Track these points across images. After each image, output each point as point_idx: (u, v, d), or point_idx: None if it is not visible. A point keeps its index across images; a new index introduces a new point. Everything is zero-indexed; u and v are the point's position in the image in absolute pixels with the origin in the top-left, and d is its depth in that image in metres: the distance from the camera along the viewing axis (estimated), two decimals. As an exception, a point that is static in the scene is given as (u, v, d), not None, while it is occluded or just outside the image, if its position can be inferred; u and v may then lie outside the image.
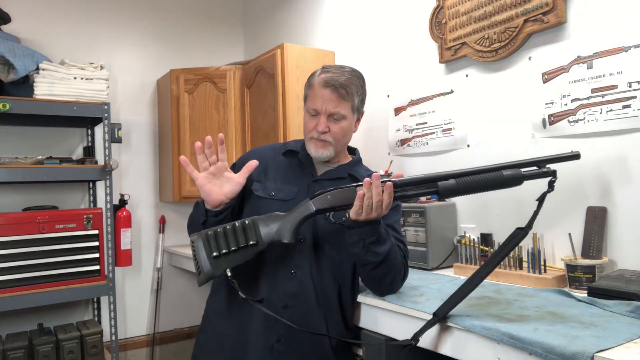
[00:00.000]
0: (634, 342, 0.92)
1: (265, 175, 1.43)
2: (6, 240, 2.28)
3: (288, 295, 1.28)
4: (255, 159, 1.41)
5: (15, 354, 2.28)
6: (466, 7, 1.83)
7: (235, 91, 2.90)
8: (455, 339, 1.13)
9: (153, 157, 3.24)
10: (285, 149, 1.49)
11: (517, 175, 1.13)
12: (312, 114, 1.40)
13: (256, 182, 1.41)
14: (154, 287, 3.19)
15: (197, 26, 3.43)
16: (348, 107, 1.39)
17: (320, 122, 1.38)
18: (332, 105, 1.37)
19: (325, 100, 1.37)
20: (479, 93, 1.83)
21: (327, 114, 1.37)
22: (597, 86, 1.46)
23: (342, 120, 1.39)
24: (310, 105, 1.40)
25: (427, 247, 1.77)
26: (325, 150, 1.40)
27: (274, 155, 1.48)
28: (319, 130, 1.38)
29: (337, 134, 1.39)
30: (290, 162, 1.46)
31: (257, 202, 1.38)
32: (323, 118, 1.38)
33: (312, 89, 1.41)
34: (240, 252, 1.18)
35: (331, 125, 1.38)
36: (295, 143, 1.51)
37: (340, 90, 1.37)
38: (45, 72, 2.41)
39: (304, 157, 1.45)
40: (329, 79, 1.37)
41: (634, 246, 1.39)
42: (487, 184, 1.14)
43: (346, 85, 1.37)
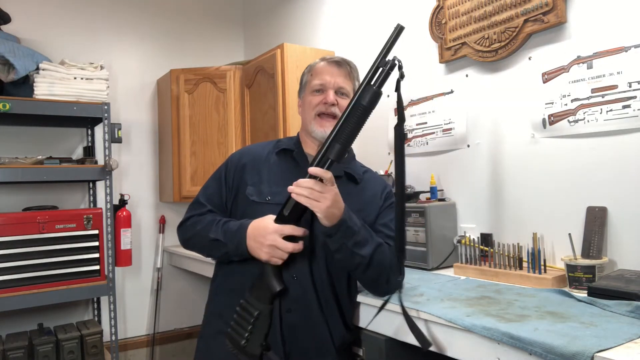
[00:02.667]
0: (634, 342, 0.92)
1: (259, 177, 1.37)
2: (6, 240, 2.28)
3: (291, 299, 1.27)
4: (247, 158, 1.40)
5: (15, 354, 2.28)
6: (466, 7, 1.83)
7: (235, 91, 2.90)
8: (455, 339, 1.13)
9: (153, 157, 3.24)
10: (278, 148, 1.43)
11: (372, 93, 1.13)
12: (318, 90, 1.37)
13: (250, 187, 1.36)
14: (154, 287, 3.19)
15: (197, 26, 3.43)
16: (351, 86, 1.39)
17: (329, 94, 1.35)
18: (340, 80, 1.36)
19: (333, 75, 1.36)
20: (479, 93, 1.83)
21: (335, 87, 1.36)
22: (597, 86, 1.46)
23: (347, 98, 1.37)
24: (316, 81, 1.38)
25: (427, 247, 1.77)
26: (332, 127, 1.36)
27: (267, 155, 1.42)
28: (329, 100, 1.35)
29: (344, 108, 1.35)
30: (285, 161, 1.41)
31: (253, 208, 1.33)
32: (331, 91, 1.35)
33: (315, 70, 1.40)
34: (257, 326, 1.20)
35: (339, 99, 1.36)
36: (289, 140, 1.47)
37: (346, 66, 1.37)
38: (45, 72, 2.41)
39: (299, 155, 1.41)
40: (332, 58, 1.38)
41: (634, 246, 1.39)
42: (359, 121, 1.14)
43: (350, 65, 1.39)
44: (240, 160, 1.41)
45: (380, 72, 1.14)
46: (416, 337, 1.14)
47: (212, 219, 1.34)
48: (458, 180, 1.91)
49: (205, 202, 1.40)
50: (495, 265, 1.58)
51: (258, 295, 1.22)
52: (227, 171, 1.41)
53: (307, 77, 1.43)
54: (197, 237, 1.35)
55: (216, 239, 1.29)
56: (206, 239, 1.32)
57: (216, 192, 1.41)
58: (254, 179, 1.37)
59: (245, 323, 1.21)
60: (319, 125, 1.36)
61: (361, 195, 1.38)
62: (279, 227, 1.20)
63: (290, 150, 1.41)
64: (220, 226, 1.31)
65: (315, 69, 1.40)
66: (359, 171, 1.43)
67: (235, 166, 1.40)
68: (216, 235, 1.29)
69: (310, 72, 1.42)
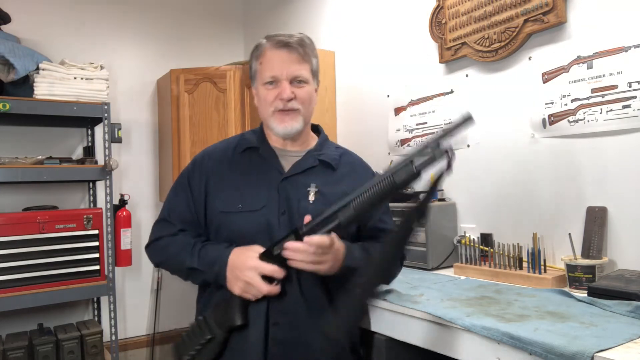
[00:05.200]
0: (634, 342, 0.92)
1: (226, 184, 1.25)
2: (6, 240, 2.28)
3: (277, 311, 1.17)
4: (209, 161, 1.29)
5: (15, 354, 2.28)
6: (466, 7, 1.83)
7: (235, 91, 2.90)
8: (455, 339, 1.13)
9: (153, 157, 3.24)
10: (243, 147, 1.30)
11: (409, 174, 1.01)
12: (270, 82, 1.22)
13: (217, 198, 1.24)
14: (154, 287, 3.19)
15: (197, 26, 3.43)
16: (308, 69, 1.24)
17: (284, 88, 1.20)
18: (293, 67, 1.21)
19: (284, 63, 1.20)
20: (479, 93, 1.83)
21: (289, 78, 1.21)
22: (597, 86, 1.46)
23: (306, 85, 1.23)
24: (267, 74, 1.22)
25: (427, 247, 1.77)
26: (294, 122, 1.23)
27: (231, 156, 1.29)
28: (284, 97, 1.20)
29: (305, 98, 1.23)
30: (251, 161, 1.28)
31: (225, 219, 1.23)
32: (285, 83, 1.20)
33: (263, 57, 1.23)
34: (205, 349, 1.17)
35: (296, 91, 1.21)
36: (252, 135, 1.33)
37: (298, 48, 1.21)
38: (45, 72, 2.41)
39: (266, 151, 1.28)
40: (281, 40, 1.21)
41: (634, 246, 1.39)
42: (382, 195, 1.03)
43: (301, 44, 1.22)
44: (203, 165, 1.29)
45: (429, 157, 1.00)
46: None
47: (186, 242, 1.24)
48: (458, 180, 1.91)
49: (173, 221, 1.29)
50: (495, 265, 1.58)
51: (218, 319, 1.18)
52: (190, 180, 1.29)
53: (256, 64, 1.26)
54: (171, 262, 1.27)
55: (194, 268, 1.20)
56: (182, 265, 1.22)
57: (183, 206, 1.29)
58: (221, 187, 1.25)
59: (195, 341, 1.17)
60: (279, 122, 1.23)
61: (342, 182, 1.27)
62: (259, 265, 1.11)
63: (256, 147, 1.29)
64: (197, 253, 1.21)
65: (264, 56, 1.23)
66: (334, 155, 1.31)
67: (199, 172, 1.29)
68: (192, 263, 1.20)
69: (258, 60, 1.25)
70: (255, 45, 1.28)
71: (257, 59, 1.26)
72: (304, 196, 1.22)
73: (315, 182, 1.23)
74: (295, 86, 1.22)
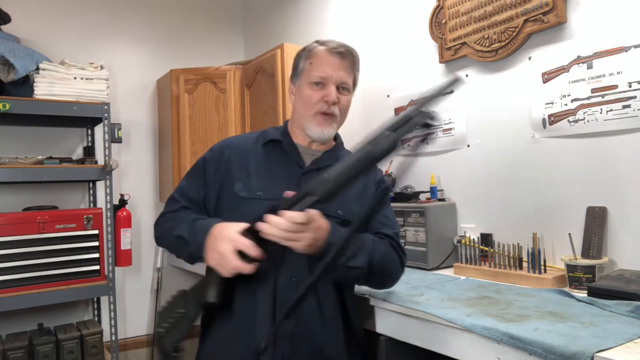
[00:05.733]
0: (634, 342, 0.92)
1: (246, 171, 1.25)
2: (6, 240, 2.28)
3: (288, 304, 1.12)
4: (231, 151, 1.29)
5: (15, 354, 2.28)
6: (466, 7, 1.83)
7: (235, 91, 2.90)
8: (455, 339, 1.13)
9: (153, 157, 3.24)
10: (265, 139, 1.30)
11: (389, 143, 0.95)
12: (318, 83, 1.23)
13: (238, 182, 1.23)
14: (154, 287, 3.19)
15: (197, 26, 3.43)
16: (352, 80, 1.28)
17: (331, 91, 1.22)
18: (343, 74, 1.24)
19: (335, 68, 1.22)
20: (479, 93, 1.83)
21: (337, 83, 1.23)
22: (597, 86, 1.46)
23: (348, 94, 1.27)
24: (317, 73, 1.23)
25: (427, 247, 1.77)
26: (330, 128, 1.25)
27: (253, 147, 1.29)
28: (331, 99, 1.22)
29: (345, 107, 1.26)
30: (272, 153, 1.29)
31: (242, 205, 1.21)
32: (333, 87, 1.22)
33: (315, 58, 1.25)
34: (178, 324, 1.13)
35: (340, 97, 1.24)
36: (275, 130, 1.34)
37: (349, 57, 1.25)
38: (45, 72, 2.41)
39: (288, 145, 1.29)
40: (335, 47, 1.24)
41: (634, 246, 1.39)
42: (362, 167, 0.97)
43: (353, 55, 1.26)
44: (223, 154, 1.29)
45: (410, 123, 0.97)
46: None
47: (183, 216, 1.23)
48: (458, 180, 1.91)
49: (178, 198, 1.30)
50: (495, 265, 1.58)
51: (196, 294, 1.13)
52: (206, 166, 1.30)
53: (305, 63, 1.28)
54: (165, 235, 1.25)
55: (181, 237, 1.18)
56: (172, 237, 1.21)
57: (192, 188, 1.30)
58: (241, 174, 1.25)
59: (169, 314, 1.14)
60: (318, 125, 1.25)
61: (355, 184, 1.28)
62: (235, 237, 1.06)
63: (279, 141, 1.30)
64: (188, 223, 1.19)
65: (316, 57, 1.25)
66: None
67: (217, 161, 1.29)
68: (181, 232, 1.18)
69: (309, 59, 1.27)
70: (305, 47, 1.31)
71: (307, 58, 1.28)
72: None
73: None
74: (340, 93, 1.25)
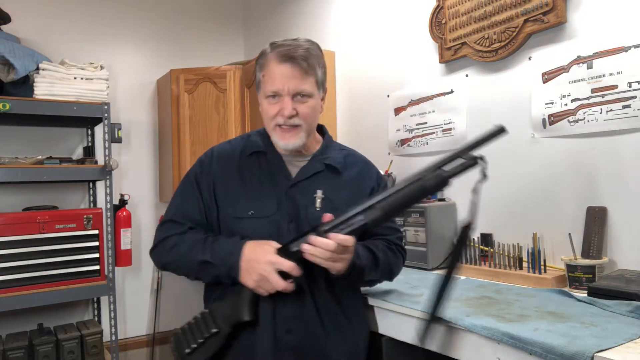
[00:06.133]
0: (634, 342, 0.92)
1: (230, 188, 1.24)
2: (6, 240, 2.27)
3: (289, 318, 1.16)
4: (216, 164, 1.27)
5: (15, 354, 2.28)
6: (466, 7, 1.83)
7: (235, 91, 2.90)
8: (455, 339, 1.13)
9: (153, 157, 3.24)
10: (250, 150, 1.28)
11: (440, 179, 1.03)
12: (272, 96, 1.20)
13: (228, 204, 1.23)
14: (154, 287, 3.19)
15: (197, 26, 3.43)
16: (312, 82, 1.21)
17: (286, 105, 1.18)
18: (295, 82, 1.18)
19: (286, 78, 1.17)
20: (479, 93, 1.83)
21: (292, 93, 1.19)
22: (597, 86, 1.46)
23: (309, 99, 1.21)
24: (269, 88, 1.20)
25: (427, 247, 1.77)
26: (295, 139, 1.22)
27: (240, 158, 1.28)
28: (285, 114, 1.18)
29: (307, 115, 1.21)
30: (258, 165, 1.27)
31: (236, 224, 1.22)
32: (287, 99, 1.18)
33: (266, 69, 1.21)
34: (208, 342, 1.14)
35: (298, 107, 1.19)
36: (259, 138, 1.31)
37: (301, 63, 1.18)
38: (45, 72, 2.41)
39: (273, 156, 1.27)
40: (284, 53, 1.18)
41: (634, 246, 1.39)
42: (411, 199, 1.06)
43: (306, 56, 1.19)
44: (211, 169, 1.27)
45: (460, 163, 1.02)
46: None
47: (196, 238, 1.21)
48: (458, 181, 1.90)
49: (181, 220, 1.25)
50: (495, 266, 1.58)
51: (224, 314, 1.14)
52: (199, 180, 1.27)
53: (259, 75, 1.25)
54: (181, 260, 1.21)
55: (206, 261, 1.16)
56: (193, 262, 1.18)
57: (193, 207, 1.26)
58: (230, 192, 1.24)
59: (198, 334, 1.14)
60: (281, 138, 1.22)
61: (348, 186, 1.27)
62: (277, 260, 1.09)
63: (263, 152, 1.28)
64: (209, 246, 1.17)
65: (267, 67, 1.21)
66: (339, 157, 1.31)
67: (207, 174, 1.27)
68: (204, 256, 1.16)
69: (261, 71, 1.23)
70: (260, 52, 1.26)
71: (260, 69, 1.25)
72: (311, 203, 1.22)
73: (322, 188, 1.23)
74: (298, 101, 1.20)
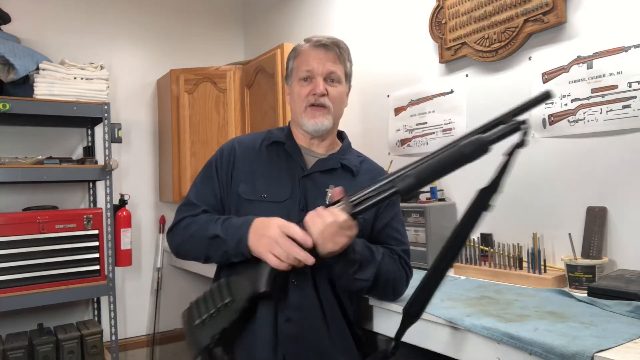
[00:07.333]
0: (634, 342, 0.92)
1: (252, 173, 1.27)
2: (6, 240, 2.28)
3: (290, 307, 1.17)
4: (238, 152, 1.31)
5: (15, 354, 2.28)
6: (466, 7, 1.83)
7: (235, 91, 2.90)
8: (455, 339, 1.13)
9: (153, 157, 3.24)
10: (269, 140, 1.33)
11: (479, 144, 0.94)
12: (305, 77, 1.26)
13: (242, 184, 1.26)
14: (154, 287, 3.19)
15: (197, 26, 3.43)
16: (342, 70, 1.29)
17: (318, 83, 1.24)
18: (328, 65, 1.25)
19: (320, 60, 1.25)
20: (479, 93, 1.83)
21: (324, 74, 1.25)
22: (597, 86, 1.46)
23: (338, 85, 1.28)
24: (303, 68, 1.27)
25: (427, 247, 1.77)
26: (324, 119, 1.26)
27: (259, 148, 1.32)
28: (318, 92, 1.24)
29: (336, 98, 1.27)
30: (276, 154, 1.31)
31: (247, 206, 1.24)
32: (320, 79, 1.25)
33: (300, 56, 1.29)
34: (221, 314, 1.07)
35: (329, 88, 1.26)
36: (280, 132, 1.36)
37: (334, 48, 1.27)
38: (45, 72, 2.41)
39: (291, 147, 1.31)
40: (318, 40, 1.27)
41: (634, 246, 1.39)
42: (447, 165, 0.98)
43: (339, 46, 1.28)
44: (230, 156, 1.32)
45: (500, 128, 0.95)
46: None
47: (209, 218, 1.23)
48: (458, 180, 1.91)
49: (197, 202, 1.29)
50: (495, 265, 1.58)
51: (240, 285, 1.09)
52: (218, 166, 1.32)
53: (293, 62, 1.32)
54: (193, 239, 1.23)
55: (215, 236, 1.17)
56: (203, 238, 1.20)
57: (209, 192, 1.30)
58: (246, 175, 1.27)
59: (210, 304, 1.08)
60: (310, 117, 1.26)
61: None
62: (284, 223, 1.09)
63: (282, 142, 1.32)
64: (220, 223, 1.19)
65: (301, 54, 1.29)
66: (355, 161, 1.34)
67: (227, 160, 1.31)
68: (215, 231, 1.18)
69: (295, 58, 1.31)
70: (293, 47, 1.35)
71: (294, 58, 1.32)
72: (321, 196, 1.21)
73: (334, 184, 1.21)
74: (329, 84, 1.27)
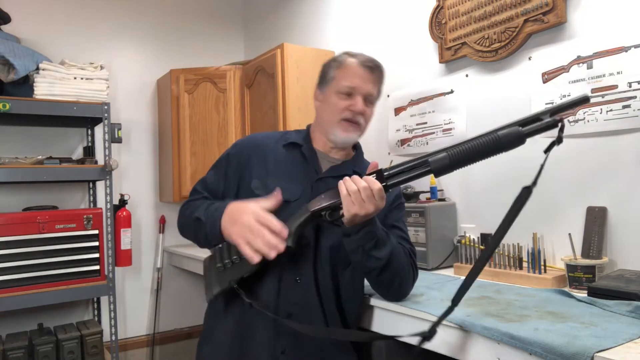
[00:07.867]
0: (634, 342, 0.92)
1: (265, 170, 1.30)
2: (6, 240, 2.27)
3: (292, 303, 1.20)
4: (252, 149, 1.34)
5: (15, 354, 2.28)
6: (466, 7, 1.83)
7: (235, 91, 2.90)
8: (455, 339, 1.13)
9: (153, 157, 3.24)
10: (286, 141, 1.35)
11: (516, 134, 0.98)
12: (346, 92, 1.29)
13: (255, 179, 1.29)
14: (154, 287, 3.19)
15: (197, 26, 3.43)
16: (378, 93, 1.34)
17: (358, 102, 1.28)
18: (370, 86, 1.30)
19: (364, 80, 1.29)
20: (479, 93, 1.83)
21: (364, 94, 1.29)
22: (597, 86, 1.46)
23: (372, 106, 1.33)
24: (345, 83, 1.28)
25: (427, 247, 1.77)
26: (355, 134, 1.31)
27: (274, 147, 1.34)
28: (357, 110, 1.28)
29: (369, 117, 1.32)
30: (292, 155, 1.33)
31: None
32: (360, 98, 1.28)
33: (344, 68, 1.30)
34: (242, 262, 1.13)
35: (365, 108, 1.30)
36: (297, 134, 1.39)
37: (377, 72, 1.31)
38: (45, 72, 2.41)
39: (308, 150, 1.33)
40: (364, 60, 1.30)
41: (634, 246, 1.39)
42: (483, 150, 1.01)
43: (380, 70, 1.32)
44: (244, 151, 1.34)
45: (539, 123, 0.99)
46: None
47: (201, 203, 1.29)
48: (458, 180, 1.91)
49: (200, 189, 1.36)
50: (495, 265, 1.58)
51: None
52: (228, 162, 1.35)
53: (335, 72, 1.32)
54: (186, 222, 1.31)
55: (197, 218, 1.24)
56: (190, 220, 1.27)
57: (214, 181, 1.36)
58: (259, 172, 1.30)
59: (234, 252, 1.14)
60: (343, 130, 1.29)
61: None
62: (257, 210, 1.12)
63: (299, 144, 1.35)
64: (205, 207, 1.25)
65: (346, 68, 1.30)
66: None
67: (238, 157, 1.34)
68: (199, 214, 1.24)
69: (339, 68, 1.31)
70: (335, 57, 1.36)
71: (337, 67, 1.32)
72: None
73: None
74: (365, 104, 1.30)
